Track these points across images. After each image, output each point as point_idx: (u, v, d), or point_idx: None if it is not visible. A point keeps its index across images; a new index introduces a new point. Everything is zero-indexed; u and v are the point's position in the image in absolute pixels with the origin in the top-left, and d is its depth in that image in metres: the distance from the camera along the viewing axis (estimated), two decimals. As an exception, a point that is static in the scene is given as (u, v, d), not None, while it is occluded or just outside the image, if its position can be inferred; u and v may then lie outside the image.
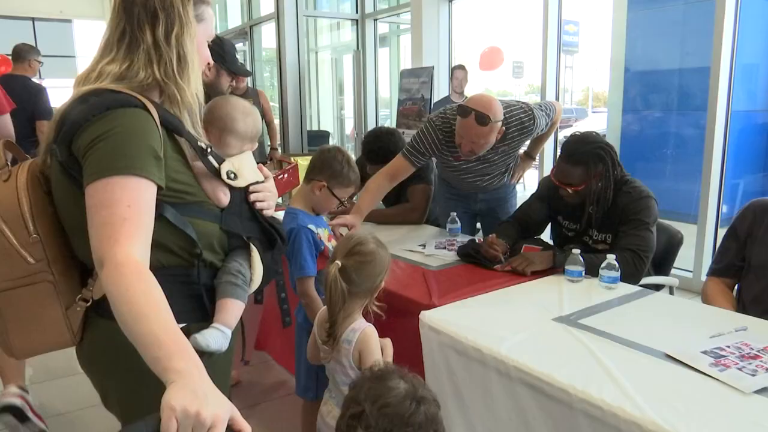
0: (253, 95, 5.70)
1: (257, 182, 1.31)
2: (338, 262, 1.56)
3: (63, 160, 1.07)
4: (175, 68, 1.15)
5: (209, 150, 1.20)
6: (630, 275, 2.03)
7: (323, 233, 2.03)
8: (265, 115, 5.69)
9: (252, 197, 1.29)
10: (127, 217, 0.99)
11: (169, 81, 1.15)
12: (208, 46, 1.30)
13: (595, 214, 2.23)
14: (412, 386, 1.07)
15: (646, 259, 2.10)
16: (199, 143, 1.19)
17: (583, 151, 2.16)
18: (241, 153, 1.37)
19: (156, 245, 1.08)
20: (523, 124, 2.49)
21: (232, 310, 1.24)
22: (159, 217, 1.08)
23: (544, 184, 2.48)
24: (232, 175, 1.23)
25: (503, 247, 2.22)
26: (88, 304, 1.14)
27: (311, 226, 1.98)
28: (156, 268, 1.08)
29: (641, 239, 2.10)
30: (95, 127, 1.04)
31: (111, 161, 1.02)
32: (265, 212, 1.32)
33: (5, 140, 1.30)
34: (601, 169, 2.15)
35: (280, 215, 1.70)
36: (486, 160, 2.62)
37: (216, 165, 1.21)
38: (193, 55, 1.18)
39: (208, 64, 1.31)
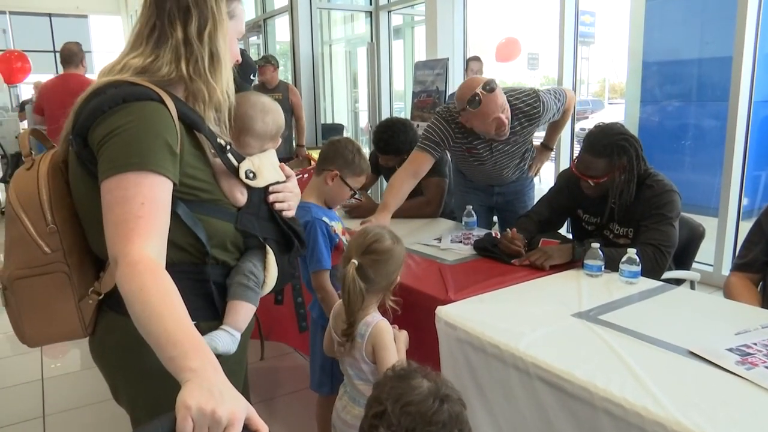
0: (283, 90, 5.66)
1: (277, 182, 1.28)
2: (355, 261, 1.53)
3: (79, 152, 1.07)
4: (207, 66, 1.14)
5: (228, 147, 1.18)
6: (651, 271, 1.99)
7: (337, 226, 2.02)
8: (294, 111, 5.67)
9: (271, 198, 1.26)
10: (141, 215, 0.98)
11: (197, 78, 1.14)
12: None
13: (617, 208, 2.18)
14: (435, 385, 1.05)
15: (668, 254, 2.06)
16: (218, 140, 1.17)
17: (607, 142, 2.12)
18: (263, 152, 1.34)
19: (168, 242, 1.07)
20: (531, 107, 2.47)
21: (241, 312, 1.22)
22: (172, 213, 1.07)
23: (564, 176, 2.44)
24: (251, 175, 1.21)
25: (523, 242, 2.19)
26: (100, 297, 1.13)
27: (325, 219, 1.96)
28: (166, 264, 1.07)
29: (663, 234, 2.06)
30: (111, 120, 1.03)
31: (126, 157, 1.01)
32: (284, 213, 1.29)
33: (32, 128, 1.32)
34: (624, 161, 2.11)
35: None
36: (498, 150, 2.58)
37: (235, 163, 1.18)
38: (225, 53, 1.17)
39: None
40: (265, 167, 1.26)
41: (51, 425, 2.58)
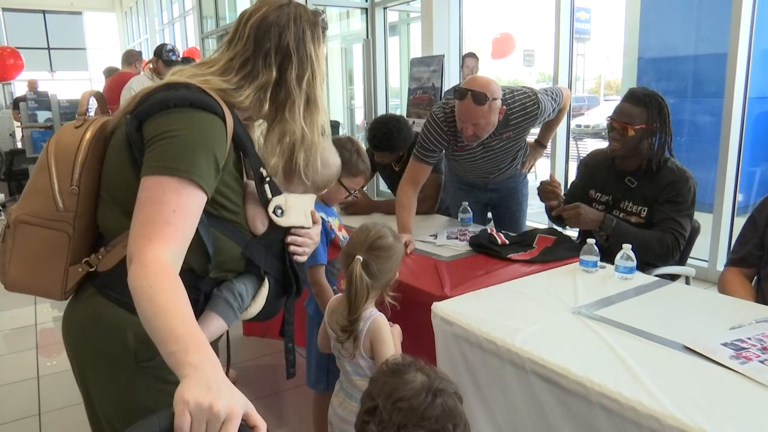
0: None
1: (302, 227, 1.28)
2: (359, 257, 1.54)
3: (130, 133, 1.08)
4: (302, 110, 1.20)
5: (268, 179, 1.20)
6: (665, 258, 2.14)
7: (334, 222, 2.02)
8: None
9: (290, 239, 1.27)
10: (170, 221, 0.99)
11: (292, 121, 1.19)
12: None
13: (632, 185, 2.27)
14: (429, 379, 1.03)
15: (683, 245, 2.18)
16: (261, 170, 1.19)
17: (648, 94, 2.23)
18: (304, 194, 1.34)
19: None
20: (526, 109, 2.46)
21: (212, 325, 1.19)
22: None
23: (583, 162, 2.56)
24: (279, 212, 1.22)
25: (560, 187, 2.34)
26: (91, 269, 1.14)
27: (321, 214, 1.96)
28: None
29: (682, 226, 2.17)
30: (170, 118, 1.05)
31: (173, 161, 1.02)
32: (296, 258, 1.30)
33: (96, 91, 1.34)
34: (658, 122, 2.20)
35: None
36: (491, 148, 2.58)
37: (269, 196, 1.20)
38: (323, 99, 1.23)
39: None
40: (295, 209, 1.26)
41: (47, 423, 2.57)
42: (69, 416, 2.62)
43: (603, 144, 2.45)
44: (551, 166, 4.81)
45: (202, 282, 1.18)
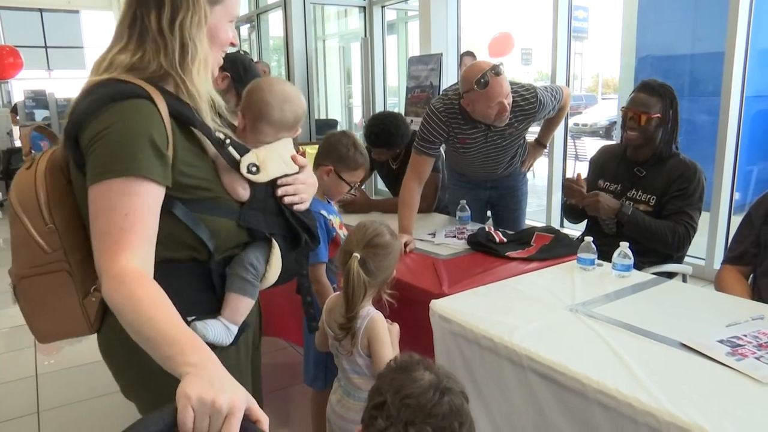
0: None
1: (286, 175, 1.23)
2: (357, 255, 1.54)
3: (72, 154, 1.05)
4: (178, 58, 1.08)
5: (229, 141, 1.14)
6: (677, 248, 2.24)
7: (335, 220, 2.03)
8: None
9: (279, 191, 1.22)
10: (124, 227, 0.97)
11: (173, 71, 1.09)
12: (231, 57, 1.23)
13: (641, 174, 2.35)
14: (437, 377, 1.05)
15: (692, 237, 2.27)
16: (216, 134, 1.13)
17: (662, 84, 2.32)
18: (276, 141, 1.28)
19: (167, 240, 1.06)
20: (528, 102, 2.47)
21: (237, 306, 1.20)
22: (169, 213, 1.06)
23: (593, 158, 2.64)
24: (254, 169, 1.16)
25: (584, 185, 2.39)
26: None
27: (323, 212, 1.97)
28: (166, 260, 1.07)
29: (693, 219, 2.25)
30: (98, 122, 1.01)
31: (110, 162, 0.98)
32: (295, 207, 1.25)
33: (36, 125, 1.30)
34: (670, 111, 2.28)
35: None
36: (493, 141, 2.58)
37: (237, 157, 1.14)
38: (201, 43, 1.10)
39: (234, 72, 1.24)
40: (271, 160, 1.20)
41: (46, 421, 2.58)
42: (68, 414, 2.62)
43: (600, 143, 2.48)
44: (549, 165, 4.82)
45: (211, 266, 1.16)
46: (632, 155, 2.39)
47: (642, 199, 2.32)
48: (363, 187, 3.33)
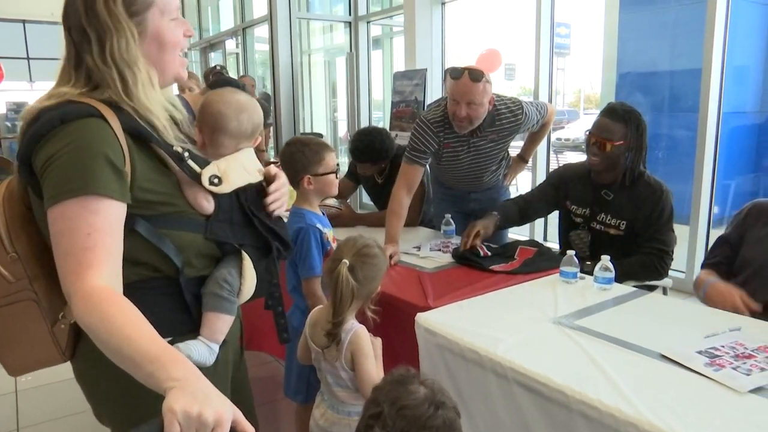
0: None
1: (250, 184, 1.22)
2: (346, 261, 1.56)
3: (27, 180, 1.03)
4: (121, 88, 1.05)
5: (187, 154, 1.12)
6: (656, 276, 2.24)
7: (329, 233, 2.03)
8: None
9: (272, 206, 1.25)
10: (87, 246, 0.95)
11: (121, 102, 1.06)
12: (219, 82, 1.22)
13: (612, 198, 2.31)
14: (432, 392, 1.08)
15: (670, 259, 2.27)
16: (174, 148, 1.11)
17: (627, 110, 2.27)
18: (237, 152, 1.26)
19: (133, 261, 1.05)
20: (512, 113, 2.54)
21: (215, 324, 1.19)
22: (132, 231, 1.04)
23: (556, 173, 2.59)
24: (216, 180, 1.14)
25: (479, 240, 2.33)
26: (72, 321, 1.10)
27: (318, 226, 1.98)
28: (136, 281, 1.06)
29: (665, 243, 2.25)
30: (50, 145, 0.98)
31: (65, 183, 0.96)
32: (275, 215, 1.26)
33: None
34: (635, 137, 2.23)
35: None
36: (477, 148, 2.61)
37: (197, 170, 1.12)
38: (137, 65, 1.07)
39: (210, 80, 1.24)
40: (233, 170, 1.18)
41: (25, 438, 2.53)
42: (48, 431, 2.58)
43: (582, 157, 2.50)
44: (532, 179, 4.87)
45: (182, 285, 1.14)
46: (596, 178, 2.37)
47: (612, 223, 2.32)
48: (348, 200, 3.34)
